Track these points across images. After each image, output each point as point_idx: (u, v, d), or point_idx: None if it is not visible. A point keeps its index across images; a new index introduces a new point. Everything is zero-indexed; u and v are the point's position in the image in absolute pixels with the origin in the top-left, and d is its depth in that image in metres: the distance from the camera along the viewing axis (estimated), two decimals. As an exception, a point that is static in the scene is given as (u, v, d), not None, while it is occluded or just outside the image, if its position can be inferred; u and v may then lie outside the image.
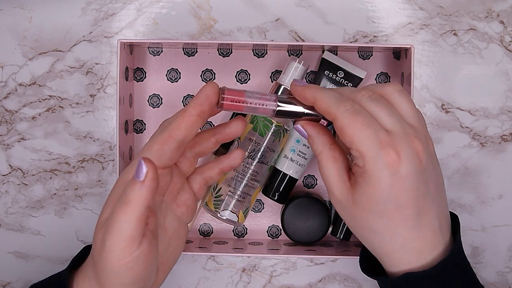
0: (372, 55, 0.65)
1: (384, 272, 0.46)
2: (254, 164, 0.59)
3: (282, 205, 0.64)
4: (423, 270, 0.42)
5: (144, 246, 0.40)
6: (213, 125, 0.65)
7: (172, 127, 0.43)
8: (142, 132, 0.65)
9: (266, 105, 0.44)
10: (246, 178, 0.60)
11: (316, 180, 0.66)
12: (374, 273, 0.47)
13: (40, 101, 0.66)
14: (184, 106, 0.65)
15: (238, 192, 0.60)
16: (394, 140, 0.40)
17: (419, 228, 0.42)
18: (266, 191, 0.63)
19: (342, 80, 0.62)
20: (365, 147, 0.39)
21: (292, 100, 0.45)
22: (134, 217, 0.38)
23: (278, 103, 0.44)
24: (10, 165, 0.66)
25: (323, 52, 0.64)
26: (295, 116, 0.45)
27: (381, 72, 0.65)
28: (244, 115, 0.61)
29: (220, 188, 0.60)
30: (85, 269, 0.45)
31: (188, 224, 0.54)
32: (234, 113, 0.64)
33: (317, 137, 0.44)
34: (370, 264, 0.48)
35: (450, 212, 0.47)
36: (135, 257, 0.39)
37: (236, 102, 0.43)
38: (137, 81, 0.65)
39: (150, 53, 0.65)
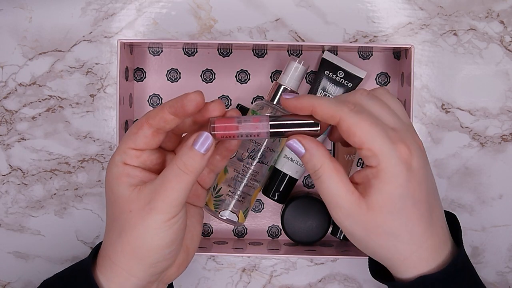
0: (372, 55, 0.65)
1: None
2: (254, 164, 0.59)
3: (282, 205, 0.64)
4: (437, 271, 0.42)
5: (183, 209, 0.42)
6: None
7: (148, 114, 0.43)
8: (142, 132, 0.65)
9: (259, 128, 0.42)
10: (246, 178, 0.60)
11: (316, 180, 0.66)
12: (385, 278, 0.47)
13: (40, 101, 0.66)
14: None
15: (238, 192, 0.60)
16: (401, 136, 0.40)
17: (432, 224, 0.42)
18: (266, 191, 0.63)
19: (342, 80, 0.62)
20: (378, 145, 0.39)
21: (286, 119, 0.42)
22: (190, 185, 0.41)
23: (271, 123, 0.42)
24: (10, 165, 0.66)
25: (323, 52, 0.64)
26: (291, 134, 0.42)
27: (381, 72, 0.65)
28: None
29: (220, 188, 0.60)
30: (108, 249, 0.45)
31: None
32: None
33: (317, 150, 0.41)
34: (380, 269, 0.48)
35: (448, 211, 0.47)
36: (178, 216, 0.41)
37: (227, 130, 0.41)
38: (137, 81, 0.65)
39: (150, 53, 0.65)
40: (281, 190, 0.62)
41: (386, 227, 0.40)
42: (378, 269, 0.48)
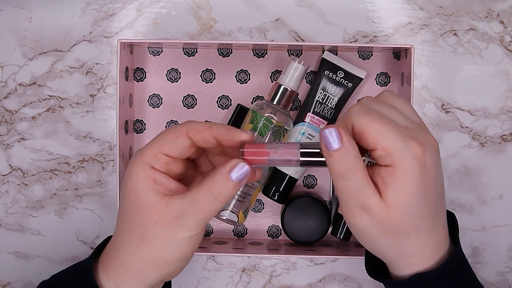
0: (372, 55, 0.65)
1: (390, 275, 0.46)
2: (254, 164, 0.59)
3: (282, 205, 0.64)
4: (432, 269, 0.42)
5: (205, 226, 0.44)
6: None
7: (191, 127, 0.42)
8: (142, 132, 0.65)
9: (289, 155, 0.41)
10: (246, 178, 0.60)
11: (316, 180, 0.66)
12: (381, 276, 0.47)
13: (40, 101, 0.66)
14: (184, 106, 0.65)
15: (238, 192, 0.60)
16: (413, 133, 0.40)
17: (437, 223, 0.42)
18: (266, 191, 0.63)
19: (342, 80, 0.62)
20: (392, 143, 0.38)
21: (317, 146, 0.41)
22: (219, 210, 0.42)
23: (301, 151, 0.41)
24: (10, 165, 0.66)
25: (323, 52, 0.64)
26: (323, 163, 0.41)
27: (381, 72, 0.65)
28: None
29: (220, 188, 0.60)
30: (122, 254, 0.44)
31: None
32: (232, 117, 0.64)
33: (353, 149, 0.39)
34: (376, 267, 0.48)
35: (447, 210, 0.47)
36: (201, 233, 0.43)
37: (257, 156, 0.41)
38: (137, 81, 0.65)
39: (150, 53, 0.65)
40: (281, 190, 0.62)
41: (401, 226, 0.40)
42: (374, 267, 0.48)
